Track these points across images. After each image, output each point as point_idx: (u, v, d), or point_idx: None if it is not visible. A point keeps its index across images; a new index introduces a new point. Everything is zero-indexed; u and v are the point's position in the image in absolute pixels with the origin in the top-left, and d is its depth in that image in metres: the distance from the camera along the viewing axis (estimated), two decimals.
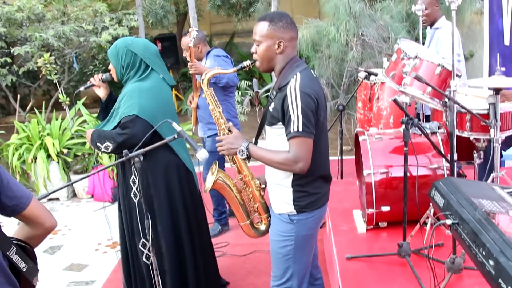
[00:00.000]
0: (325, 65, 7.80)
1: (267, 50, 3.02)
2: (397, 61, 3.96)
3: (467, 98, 4.09)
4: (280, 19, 3.02)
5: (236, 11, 11.03)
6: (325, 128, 3.16)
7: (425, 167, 3.93)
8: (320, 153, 3.08)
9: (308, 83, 2.94)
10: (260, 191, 3.38)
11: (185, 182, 3.92)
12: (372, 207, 3.96)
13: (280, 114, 2.95)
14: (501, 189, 2.80)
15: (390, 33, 7.63)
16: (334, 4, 7.45)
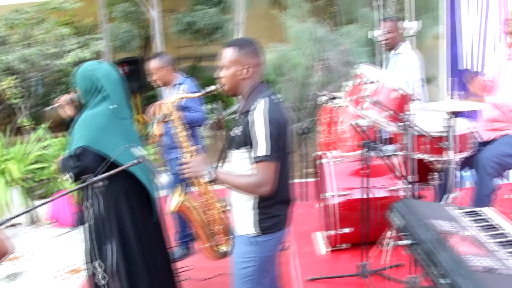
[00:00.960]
0: (289, 89, 7.89)
1: (235, 75, 3.07)
2: (357, 85, 4.03)
3: (425, 120, 4.19)
4: (248, 45, 3.08)
5: (201, 36, 11.10)
6: (289, 152, 3.21)
7: (385, 189, 3.99)
8: (283, 176, 3.12)
9: (273, 109, 2.99)
10: (223, 213, 3.40)
11: (141, 208, 3.90)
12: (333, 229, 4.00)
13: (246, 138, 2.99)
14: (455, 210, 2.88)
15: (353, 57, 7.77)
16: (298, 29, 7.57)
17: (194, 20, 10.59)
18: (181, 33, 10.95)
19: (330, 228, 4.05)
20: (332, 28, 8.55)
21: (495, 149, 4.13)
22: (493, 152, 4.11)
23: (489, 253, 2.33)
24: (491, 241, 2.49)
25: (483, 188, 4.10)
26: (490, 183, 4.09)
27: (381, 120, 3.77)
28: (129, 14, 11.21)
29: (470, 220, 2.74)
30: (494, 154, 4.10)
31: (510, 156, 4.14)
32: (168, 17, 11.75)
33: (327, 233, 4.12)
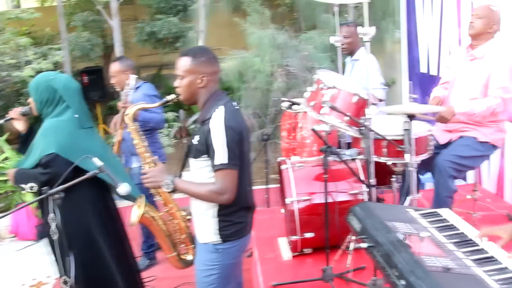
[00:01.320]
0: (251, 95, 7.92)
1: (190, 85, 3.08)
2: (316, 91, 4.07)
3: (386, 124, 4.25)
4: (202, 54, 3.09)
5: (163, 45, 11.06)
6: (248, 159, 3.22)
7: (345, 193, 4.02)
8: (244, 183, 3.13)
9: (231, 116, 3.00)
10: (186, 222, 3.39)
11: (106, 218, 3.87)
12: (296, 234, 4.01)
13: (204, 147, 3.00)
14: (414, 212, 2.92)
15: (314, 63, 7.84)
16: (258, 36, 7.60)
17: (156, 29, 10.54)
18: (143, 42, 10.90)
19: (293, 234, 4.06)
20: (294, 34, 8.61)
21: (452, 152, 4.20)
22: (450, 154, 4.18)
23: (446, 253, 2.37)
24: (449, 241, 2.53)
25: (443, 190, 4.16)
26: (451, 184, 4.16)
27: (341, 125, 3.81)
28: (89, 23, 11.13)
29: (428, 221, 2.79)
30: (451, 156, 4.16)
31: (466, 158, 4.21)
32: (130, 26, 11.69)
33: (290, 239, 4.13)
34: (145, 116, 4.96)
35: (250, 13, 8.16)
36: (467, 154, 4.22)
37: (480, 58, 4.23)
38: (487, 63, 4.17)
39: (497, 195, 5.35)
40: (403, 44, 7.49)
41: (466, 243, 2.53)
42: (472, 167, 4.49)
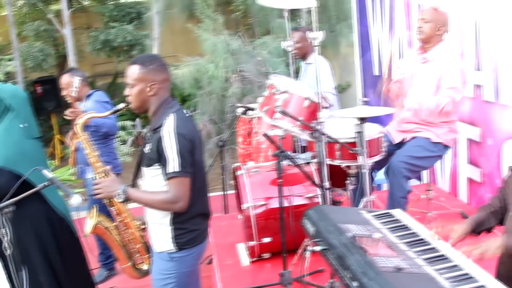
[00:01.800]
0: (207, 102, 7.91)
1: (140, 93, 3.06)
2: (269, 96, 4.09)
3: (340, 127, 4.29)
4: (151, 62, 3.07)
5: (117, 53, 10.96)
6: (202, 166, 3.21)
7: (301, 197, 4.04)
8: (198, 190, 3.12)
9: (182, 124, 2.99)
10: (141, 231, 3.37)
11: (58, 230, 3.82)
12: (254, 240, 4.02)
13: (156, 156, 2.98)
14: (367, 213, 2.95)
15: (268, 68, 7.88)
16: (212, 42, 7.61)
17: (110, 38, 10.44)
18: (97, 51, 10.79)
19: (250, 239, 4.06)
20: (248, 39, 8.65)
21: (405, 153, 4.26)
22: (404, 155, 4.24)
23: (398, 254, 2.40)
24: (401, 241, 2.57)
25: (398, 190, 4.21)
26: (405, 185, 4.21)
27: (294, 129, 3.84)
28: (41, 32, 10.97)
29: (381, 223, 2.82)
30: (404, 157, 4.22)
31: (419, 159, 4.28)
32: (84, 35, 11.57)
33: (248, 244, 4.13)
34: (96, 122, 4.92)
35: (203, 20, 8.15)
36: (420, 154, 4.28)
37: (431, 60, 4.31)
38: (438, 65, 4.25)
39: (451, 194, 5.45)
40: (356, 47, 7.58)
41: (418, 243, 2.57)
42: (426, 167, 4.56)
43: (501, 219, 2.80)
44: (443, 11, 4.35)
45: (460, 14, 4.85)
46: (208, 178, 6.44)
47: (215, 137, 7.92)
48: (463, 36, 4.83)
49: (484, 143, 4.76)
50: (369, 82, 7.19)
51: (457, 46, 4.86)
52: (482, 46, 4.59)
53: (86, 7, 12.69)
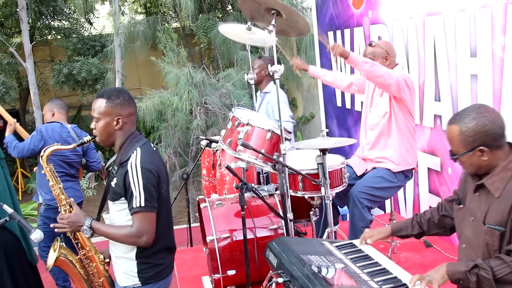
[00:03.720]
0: (171, 134, 7.91)
1: (106, 127, 3.05)
2: (232, 129, 4.13)
3: (301, 158, 4.33)
4: (118, 96, 3.07)
5: (81, 86, 10.91)
6: (168, 199, 3.21)
7: (266, 228, 4.05)
8: (163, 225, 3.12)
9: (148, 158, 2.99)
10: (104, 265, 3.33)
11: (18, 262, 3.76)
12: (218, 272, 3.99)
13: (122, 190, 2.97)
14: (330, 244, 2.97)
15: (232, 100, 7.92)
16: (176, 75, 7.63)
17: (74, 71, 10.40)
18: (61, 84, 10.73)
19: (215, 272, 4.04)
20: (212, 72, 8.71)
21: (365, 183, 4.32)
22: (364, 186, 4.29)
23: (359, 284, 2.42)
24: (363, 271, 2.59)
25: (359, 220, 4.24)
26: (366, 215, 4.25)
27: (256, 161, 3.87)
28: (4, 66, 10.87)
29: (343, 253, 2.85)
30: (365, 188, 4.27)
31: (380, 189, 4.34)
32: (47, 68, 11.51)
33: (213, 277, 4.10)
34: None
35: (166, 53, 8.19)
36: (380, 185, 4.34)
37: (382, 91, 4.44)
38: (387, 95, 4.40)
39: None
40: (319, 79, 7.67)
41: (380, 272, 2.60)
42: (386, 197, 4.62)
43: (423, 230, 3.05)
44: (381, 43, 4.47)
45: (420, 46, 4.96)
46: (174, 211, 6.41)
47: (180, 169, 7.90)
48: (423, 68, 4.94)
49: (444, 172, 4.84)
50: (332, 113, 7.28)
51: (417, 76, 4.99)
52: (441, 78, 4.70)
53: (50, 40, 12.65)
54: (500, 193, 2.52)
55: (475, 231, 2.62)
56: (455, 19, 4.41)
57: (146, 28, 10.66)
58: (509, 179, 2.51)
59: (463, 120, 2.56)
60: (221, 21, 9.29)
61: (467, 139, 2.54)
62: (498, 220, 2.51)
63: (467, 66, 4.34)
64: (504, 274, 2.43)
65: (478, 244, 2.61)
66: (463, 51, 4.36)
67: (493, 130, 2.52)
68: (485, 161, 2.57)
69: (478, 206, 2.63)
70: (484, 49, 4.10)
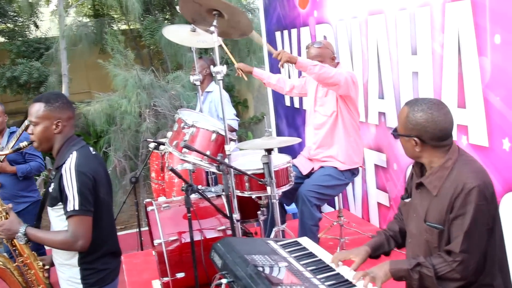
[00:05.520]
0: (120, 138, 7.82)
1: (45, 131, 3.01)
2: (178, 131, 4.12)
3: (247, 158, 4.34)
4: (56, 99, 3.04)
5: (25, 90, 10.67)
6: (109, 203, 3.17)
7: (214, 230, 4.05)
8: (106, 229, 3.08)
9: (84, 162, 2.96)
10: (44, 272, 3.27)
11: None
12: (167, 276, 3.97)
13: (59, 194, 2.93)
14: (274, 243, 2.98)
15: (182, 102, 7.89)
16: (124, 77, 7.56)
17: (16, 74, 10.16)
18: (3, 88, 10.47)
19: (164, 275, 4.01)
20: (161, 74, 8.65)
21: (314, 182, 4.36)
22: (312, 184, 4.33)
23: (302, 281, 2.44)
24: (306, 269, 2.61)
25: (308, 219, 4.28)
26: (315, 213, 4.29)
27: (202, 163, 3.86)
28: None
29: (287, 252, 2.86)
30: (313, 186, 4.32)
31: (328, 188, 4.39)
32: None
33: (162, 280, 4.07)
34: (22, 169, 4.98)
35: (114, 55, 8.10)
36: (328, 183, 4.40)
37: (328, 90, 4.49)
38: (333, 94, 4.47)
39: (364, 219, 5.59)
40: None
41: (323, 270, 2.62)
42: (334, 195, 4.68)
43: (399, 243, 2.92)
44: (326, 44, 4.53)
45: (364, 45, 5.03)
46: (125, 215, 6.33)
47: (131, 173, 7.82)
48: (367, 66, 5.01)
49: (390, 169, 4.92)
50: (281, 113, 7.32)
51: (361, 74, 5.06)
52: (384, 76, 4.78)
53: None
54: (437, 192, 2.57)
55: (418, 227, 2.67)
56: (396, 18, 4.49)
57: (93, 30, 10.52)
58: (446, 178, 2.56)
59: (414, 107, 2.60)
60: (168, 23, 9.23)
61: (409, 125, 2.59)
62: (437, 218, 2.56)
63: (408, 64, 4.43)
64: (445, 272, 2.47)
65: (420, 241, 2.66)
66: (405, 49, 4.44)
67: (431, 130, 2.55)
68: (418, 152, 2.62)
69: (419, 203, 2.68)
70: (424, 47, 4.19)
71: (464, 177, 2.49)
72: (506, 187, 3.54)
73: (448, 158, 2.59)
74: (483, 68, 3.61)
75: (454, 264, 2.46)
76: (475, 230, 2.45)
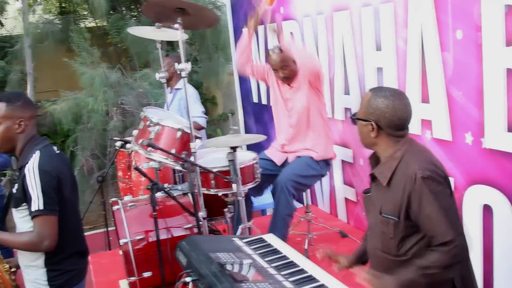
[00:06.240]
0: (88, 136, 7.75)
1: (7, 131, 2.97)
2: (144, 129, 4.09)
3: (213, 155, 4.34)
4: (18, 98, 3.00)
5: None
6: (75, 203, 3.15)
7: (180, 228, 4.02)
8: (70, 228, 3.06)
9: (47, 161, 2.92)
10: (11, 274, 3.23)
11: None
12: (134, 275, 3.94)
13: (22, 195, 2.89)
14: (239, 240, 2.98)
15: (150, 99, 7.84)
16: (90, 75, 7.48)
17: None
18: None
19: (131, 275, 3.98)
20: (129, 72, 8.59)
21: (292, 171, 4.39)
22: (291, 173, 4.35)
23: (266, 278, 2.44)
24: (270, 266, 2.61)
25: (285, 208, 4.29)
26: (292, 202, 4.33)
27: (167, 161, 3.84)
28: None
29: (252, 249, 2.86)
30: (292, 175, 4.34)
31: (305, 177, 4.44)
32: None
33: (129, 280, 4.04)
34: None
35: (80, 53, 8.01)
36: (306, 173, 4.44)
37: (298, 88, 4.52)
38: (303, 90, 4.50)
39: (332, 214, 5.62)
40: (235, 76, 7.70)
41: (287, 266, 2.62)
42: (309, 185, 4.71)
43: None
44: (285, 48, 4.54)
45: (329, 41, 5.06)
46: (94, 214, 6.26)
47: (98, 172, 7.75)
48: (333, 62, 5.03)
49: (357, 164, 4.96)
50: (249, 109, 7.32)
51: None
52: (349, 71, 4.81)
53: None
54: (387, 182, 2.59)
55: (375, 219, 2.70)
56: (360, 14, 4.51)
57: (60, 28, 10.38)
58: (395, 168, 2.59)
59: (378, 92, 2.64)
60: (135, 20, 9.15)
61: (369, 109, 2.62)
62: (391, 209, 2.59)
63: (373, 59, 4.46)
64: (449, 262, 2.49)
65: (377, 232, 2.69)
66: (369, 45, 4.47)
67: (389, 116, 2.59)
68: (373, 139, 2.65)
69: (375, 194, 2.72)
70: (389, 43, 4.22)
71: (415, 167, 2.52)
72: (469, 180, 3.59)
73: (398, 149, 2.62)
74: (445, 64, 3.66)
75: (454, 250, 2.47)
76: (449, 213, 2.50)
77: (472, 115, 3.48)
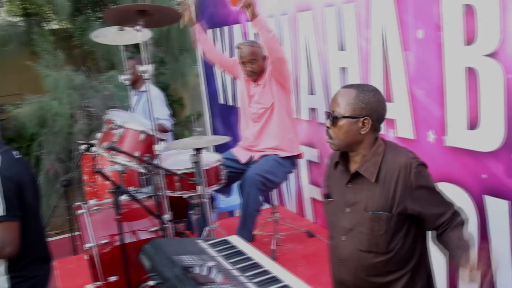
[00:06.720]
0: (53, 140, 7.64)
1: None
2: (107, 132, 4.06)
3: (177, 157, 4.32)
4: None
5: None
6: (37, 208, 3.10)
7: (145, 231, 3.99)
8: (33, 234, 3.02)
9: (7, 166, 2.88)
10: None
11: None
12: (100, 280, 3.90)
13: None
14: (204, 242, 2.97)
15: (116, 102, 7.77)
16: (54, 78, 7.38)
17: None
18: None
19: (96, 279, 3.93)
20: (94, 74, 8.48)
21: (261, 166, 4.40)
22: (260, 169, 4.36)
23: (229, 280, 2.43)
24: (234, 267, 2.60)
25: (253, 203, 4.29)
26: (259, 198, 4.34)
27: (131, 164, 3.81)
28: None
29: (216, 250, 2.84)
30: (261, 170, 4.35)
31: (274, 174, 4.45)
32: None
33: (95, 285, 4.00)
34: None
35: (43, 55, 7.89)
36: (275, 169, 4.46)
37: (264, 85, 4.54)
38: (269, 87, 4.53)
39: (299, 214, 5.63)
40: (202, 77, 7.69)
41: (251, 267, 2.61)
42: (277, 183, 4.65)
43: None
44: (256, 43, 4.55)
45: (293, 41, 5.07)
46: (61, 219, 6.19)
47: (63, 176, 7.64)
48: (298, 63, 5.05)
49: (323, 164, 4.98)
50: (216, 110, 7.31)
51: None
52: (314, 72, 4.83)
53: None
54: (375, 178, 2.60)
55: (357, 220, 2.66)
56: (323, 15, 4.53)
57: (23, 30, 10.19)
58: (380, 163, 2.60)
59: (363, 88, 2.62)
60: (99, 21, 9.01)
61: (360, 104, 2.57)
62: (382, 205, 2.58)
63: (336, 59, 4.49)
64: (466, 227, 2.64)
65: (361, 232, 2.64)
66: (333, 45, 4.50)
67: (381, 110, 2.62)
68: (360, 136, 2.61)
69: (353, 196, 2.68)
70: (352, 43, 4.25)
71: (407, 158, 2.57)
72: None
73: (379, 144, 2.63)
74: (408, 63, 3.70)
75: (461, 215, 2.67)
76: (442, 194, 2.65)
77: (434, 114, 3.52)
